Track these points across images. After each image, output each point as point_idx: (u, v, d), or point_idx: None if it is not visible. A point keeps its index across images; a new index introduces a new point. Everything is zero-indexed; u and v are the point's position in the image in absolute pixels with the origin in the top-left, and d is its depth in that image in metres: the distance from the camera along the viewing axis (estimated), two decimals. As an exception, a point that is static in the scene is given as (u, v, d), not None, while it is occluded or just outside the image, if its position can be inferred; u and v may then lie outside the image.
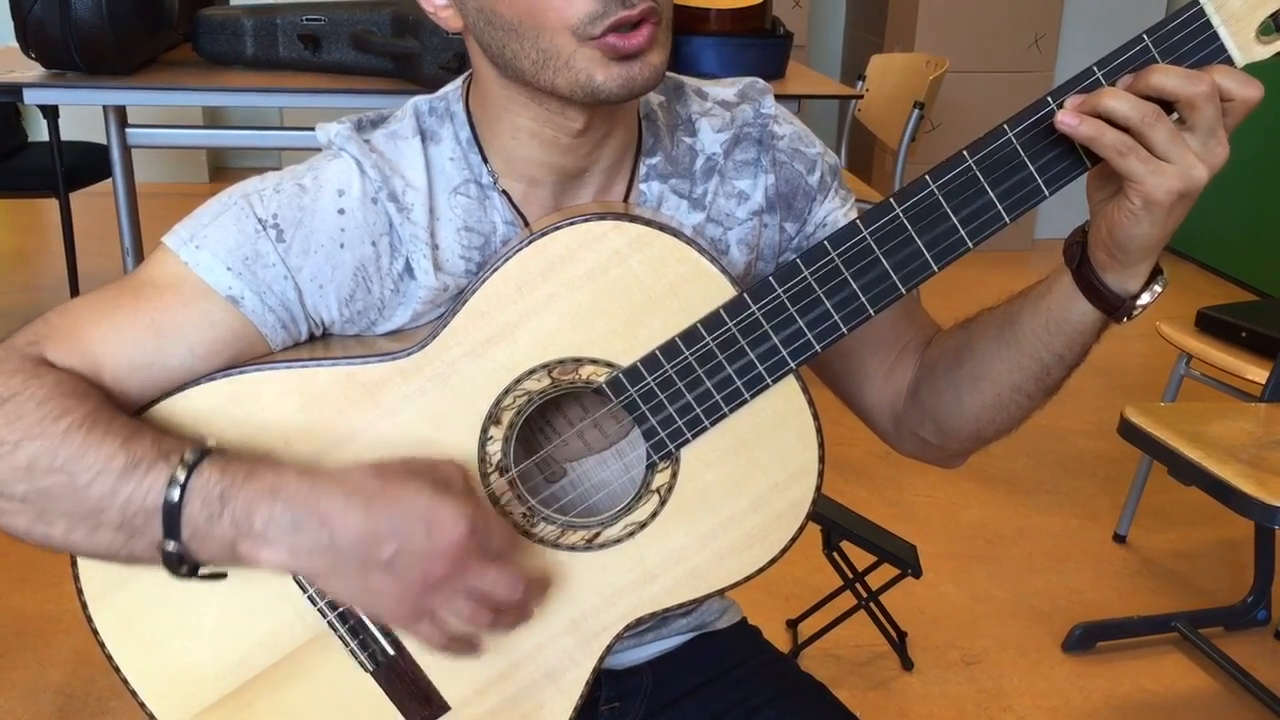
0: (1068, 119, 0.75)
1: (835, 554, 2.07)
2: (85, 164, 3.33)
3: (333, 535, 0.77)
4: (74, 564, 0.86)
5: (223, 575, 0.81)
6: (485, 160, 0.91)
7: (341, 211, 0.87)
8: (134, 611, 0.87)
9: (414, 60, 2.44)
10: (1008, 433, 0.95)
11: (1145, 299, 0.82)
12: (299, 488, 0.78)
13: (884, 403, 1.01)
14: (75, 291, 3.23)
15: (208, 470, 0.78)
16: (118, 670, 0.88)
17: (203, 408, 0.85)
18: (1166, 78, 0.73)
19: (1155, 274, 0.82)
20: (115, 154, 2.59)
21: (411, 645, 0.89)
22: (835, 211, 0.98)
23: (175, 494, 0.77)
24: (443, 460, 0.84)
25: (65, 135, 3.19)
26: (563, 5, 0.77)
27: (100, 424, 0.79)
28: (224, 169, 5.29)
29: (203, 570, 0.80)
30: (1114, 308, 0.83)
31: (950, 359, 0.94)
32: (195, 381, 0.85)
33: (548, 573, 0.89)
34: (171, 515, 0.77)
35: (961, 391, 0.93)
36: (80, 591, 0.87)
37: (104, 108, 2.53)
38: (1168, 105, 0.74)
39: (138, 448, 0.78)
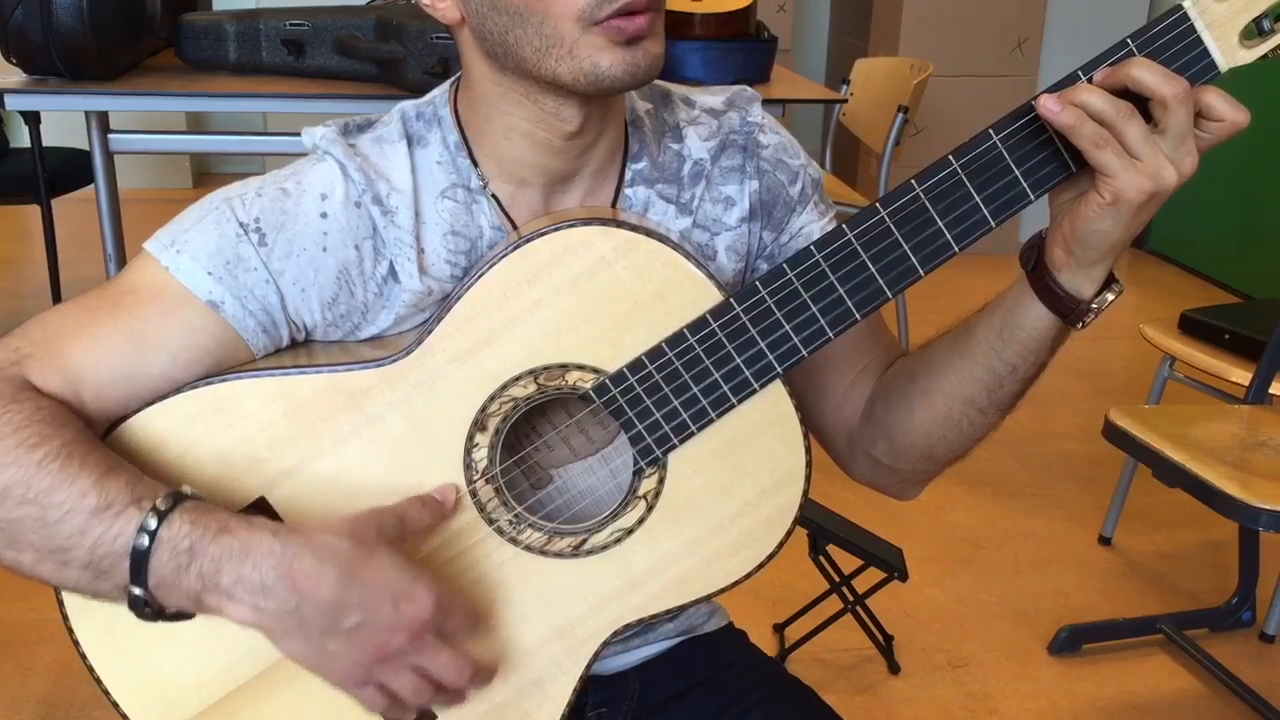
0: (1050, 104, 0.75)
1: (821, 558, 2.07)
2: (67, 170, 3.30)
3: (300, 601, 0.75)
4: (55, 574, 0.86)
5: (190, 616, 0.79)
6: (474, 164, 0.90)
7: (324, 215, 0.87)
8: (116, 621, 0.86)
9: (398, 65, 2.43)
10: (959, 452, 0.94)
11: (1099, 304, 0.82)
12: (271, 548, 0.76)
13: (840, 421, 1.01)
14: (58, 299, 3.21)
15: (179, 521, 0.76)
16: (99, 681, 0.87)
17: (185, 416, 0.84)
18: (1144, 71, 0.74)
19: (1111, 282, 0.82)
20: (98, 160, 2.58)
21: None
22: (812, 224, 0.98)
23: (144, 541, 0.75)
24: (410, 503, 0.84)
25: (47, 141, 3.16)
26: None
27: (76, 457, 0.78)
28: (207, 174, 5.27)
29: (170, 611, 0.79)
30: (1068, 310, 0.82)
31: (907, 374, 0.94)
32: (177, 390, 0.84)
33: (535, 580, 0.89)
34: (139, 562, 0.76)
35: (914, 405, 0.92)
36: (61, 602, 0.86)
37: (86, 113, 2.51)
38: (1143, 110, 0.75)
39: (111, 487, 0.77)
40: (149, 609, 0.77)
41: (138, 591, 0.76)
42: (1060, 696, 2.10)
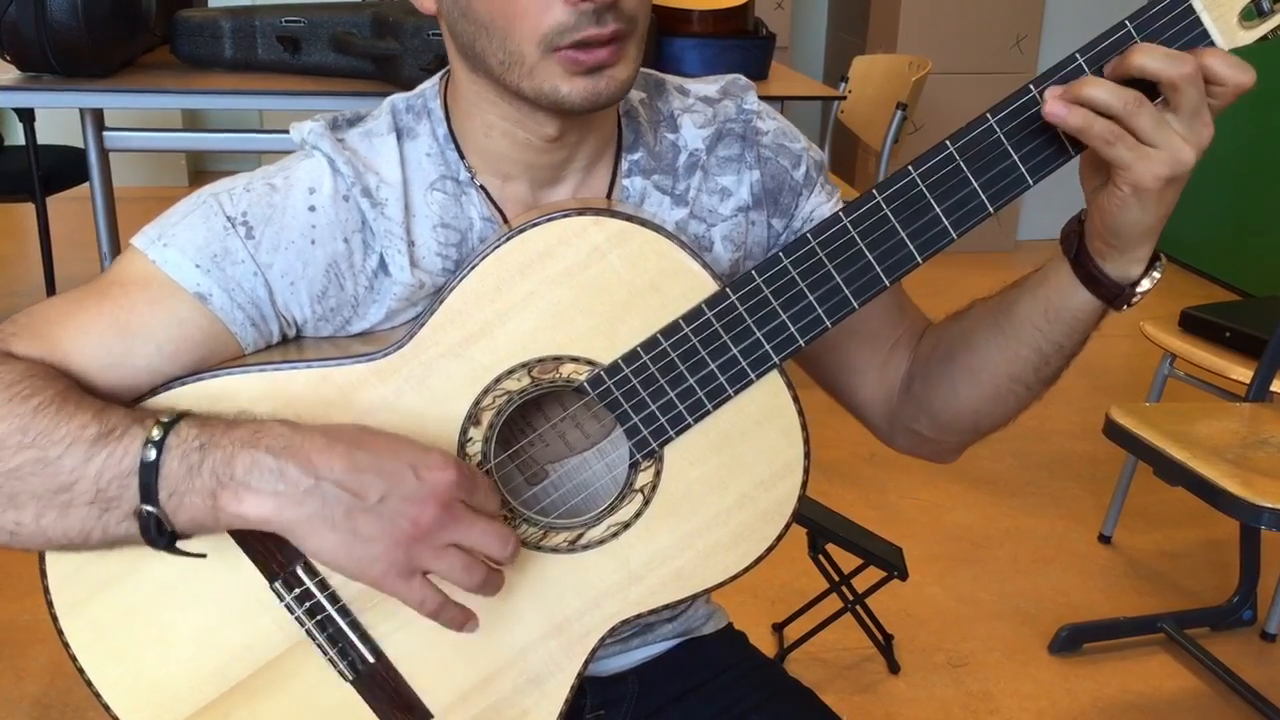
0: (1057, 109, 0.74)
1: (821, 557, 2.06)
2: (62, 168, 3.29)
3: (318, 479, 0.74)
4: (44, 574, 0.84)
5: (202, 555, 0.78)
6: (462, 156, 0.89)
7: (312, 208, 0.86)
8: (106, 622, 0.85)
9: (394, 62, 2.42)
10: (1005, 423, 0.94)
11: (1145, 285, 0.82)
12: (281, 433, 0.76)
13: (878, 398, 1.00)
14: (52, 296, 3.19)
15: (185, 427, 0.76)
16: (90, 684, 0.86)
17: (176, 410, 0.83)
18: (1150, 58, 0.73)
19: (1153, 260, 0.82)
20: (93, 157, 2.57)
21: (393, 649, 0.87)
22: (821, 206, 0.97)
23: (152, 453, 0.75)
24: None
25: (42, 139, 3.15)
26: (537, 14, 0.78)
27: (72, 400, 0.77)
28: (203, 172, 5.26)
29: (181, 544, 0.78)
30: (1113, 295, 0.82)
31: (945, 351, 0.93)
32: (167, 385, 0.83)
33: (530, 575, 0.87)
34: (149, 475, 0.75)
35: (958, 384, 0.92)
36: (51, 603, 0.84)
37: (81, 111, 2.51)
38: (1150, 89, 0.74)
39: (111, 417, 0.77)
40: (162, 534, 0.76)
41: (149, 509, 0.75)
42: (1060, 696, 2.09)
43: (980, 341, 0.90)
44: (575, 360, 0.83)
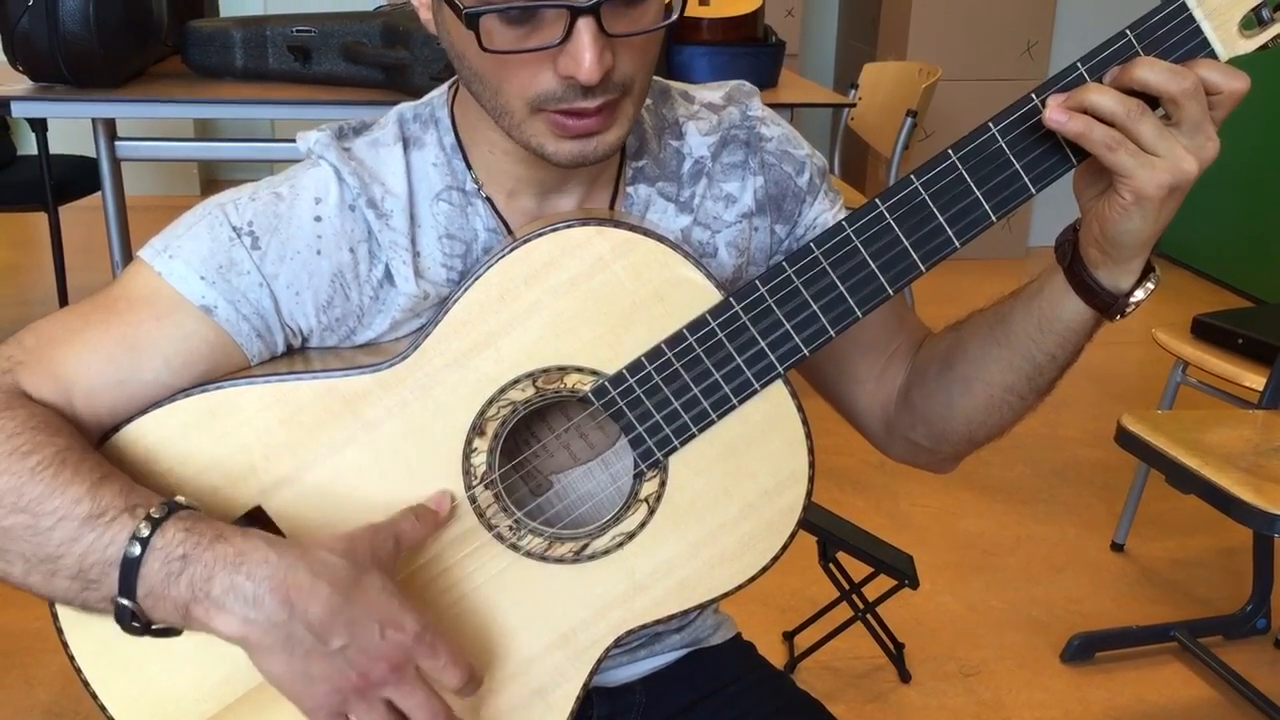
0: (1056, 115, 0.74)
1: (831, 565, 2.06)
2: (75, 177, 3.31)
3: (291, 616, 0.74)
4: (49, 586, 0.84)
5: (177, 632, 0.78)
6: (469, 167, 0.89)
7: (318, 219, 0.86)
8: (111, 636, 0.84)
9: (405, 71, 2.43)
10: (999, 434, 0.94)
11: (1138, 296, 0.82)
12: (266, 558, 0.74)
13: (875, 407, 1.00)
14: (64, 306, 3.21)
15: (172, 529, 0.75)
16: (95, 697, 0.86)
17: (180, 424, 0.83)
18: (1150, 72, 0.73)
19: (1147, 271, 0.81)
20: (104, 167, 2.58)
21: None
22: (825, 213, 0.97)
23: (136, 549, 0.74)
24: (404, 517, 0.82)
25: (54, 148, 3.17)
26: (527, 78, 0.78)
27: (69, 464, 0.76)
28: (215, 181, 5.27)
29: (156, 626, 0.77)
30: (1107, 305, 0.82)
31: (941, 360, 0.93)
32: (172, 397, 0.83)
33: (536, 586, 0.87)
34: (129, 571, 0.74)
35: (953, 393, 0.92)
36: (56, 616, 0.84)
37: (93, 120, 2.52)
38: (1153, 101, 0.73)
39: (104, 495, 0.76)
40: (136, 622, 0.76)
41: (125, 603, 0.75)
42: (1073, 705, 2.08)
43: (975, 351, 0.90)
44: (580, 370, 0.83)
